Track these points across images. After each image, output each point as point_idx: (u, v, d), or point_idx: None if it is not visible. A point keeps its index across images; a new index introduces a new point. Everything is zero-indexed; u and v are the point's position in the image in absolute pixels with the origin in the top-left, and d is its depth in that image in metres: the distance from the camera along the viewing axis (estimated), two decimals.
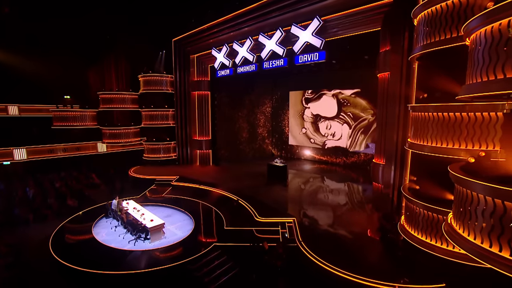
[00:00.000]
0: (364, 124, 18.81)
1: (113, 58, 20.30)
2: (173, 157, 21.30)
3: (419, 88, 8.00)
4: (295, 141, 23.37)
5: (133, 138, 21.35)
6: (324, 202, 13.38)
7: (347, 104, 19.53)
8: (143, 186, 15.87)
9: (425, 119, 7.43)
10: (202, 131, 20.31)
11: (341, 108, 19.85)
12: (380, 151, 11.34)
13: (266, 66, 15.01)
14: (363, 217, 11.30)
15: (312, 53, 12.95)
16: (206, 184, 15.71)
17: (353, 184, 16.60)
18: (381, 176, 11.31)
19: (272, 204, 12.96)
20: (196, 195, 14.12)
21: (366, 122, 18.66)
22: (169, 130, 21.06)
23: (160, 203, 13.27)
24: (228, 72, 17.16)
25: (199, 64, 19.94)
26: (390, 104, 10.38)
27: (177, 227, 10.89)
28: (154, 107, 20.64)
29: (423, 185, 7.81)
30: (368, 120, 18.51)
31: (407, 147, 8.40)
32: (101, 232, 10.58)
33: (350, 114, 19.42)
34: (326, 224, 10.97)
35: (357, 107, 18.96)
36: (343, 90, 19.56)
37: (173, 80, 20.58)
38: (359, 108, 18.87)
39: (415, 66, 8.71)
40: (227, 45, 16.53)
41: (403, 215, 9.00)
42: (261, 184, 16.47)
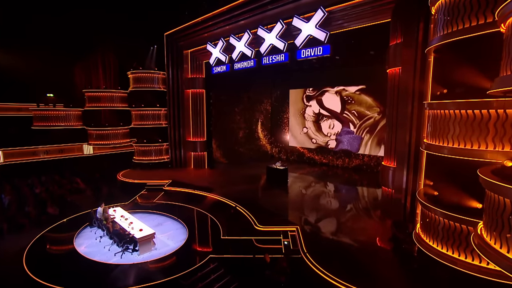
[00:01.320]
0: (369, 123, 18.46)
1: (100, 54, 19.76)
2: (166, 159, 20.86)
3: (436, 83, 7.54)
4: (295, 141, 23.02)
5: (122, 139, 20.81)
6: (329, 208, 12.99)
7: (351, 101, 19.17)
8: (132, 192, 15.33)
9: (444, 117, 6.97)
10: (197, 132, 19.91)
11: (345, 106, 19.49)
12: (390, 152, 10.92)
13: (265, 62, 14.53)
14: (372, 225, 10.91)
15: (316, 47, 12.50)
16: (201, 188, 15.33)
17: (359, 188, 16.21)
18: (391, 180, 10.89)
19: (273, 210, 12.55)
20: (190, 201, 13.69)
21: (371, 121, 18.31)
22: (161, 130, 20.58)
23: (151, 210, 12.77)
24: (225, 69, 16.71)
25: (193, 60, 19.52)
26: (402, 101, 9.97)
27: (169, 237, 10.38)
28: (144, 106, 20.12)
29: (443, 191, 7.34)
30: (374, 119, 18.16)
31: (423, 148, 7.93)
32: (84, 244, 9.95)
33: (355, 112, 19.05)
34: (332, 232, 10.55)
35: (362, 105, 18.61)
36: (347, 87, 19.22)
37: (165, 77, 20.13)
38: (364, 105, 18.51)
39: (431, 59, 8.27)
40: (223, 39, 16.07)
41: (418, 223, 8.54)
42: (260, 188, 16.16)
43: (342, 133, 19.68)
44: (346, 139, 19.49)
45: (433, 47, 7.29)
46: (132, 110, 20.51)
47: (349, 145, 19.35)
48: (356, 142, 18.99)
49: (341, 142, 19.65)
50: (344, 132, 19.59)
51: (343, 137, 19.63)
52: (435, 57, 7.85)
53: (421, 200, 7.88)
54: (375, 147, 18.26)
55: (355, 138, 19.00)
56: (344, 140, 19.56)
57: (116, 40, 19.43)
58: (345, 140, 19.50)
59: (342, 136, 19.68)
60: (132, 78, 20.00)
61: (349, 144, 19.31)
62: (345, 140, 19.47)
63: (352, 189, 16.14)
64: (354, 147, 19.08)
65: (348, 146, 19.38)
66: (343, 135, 19.67)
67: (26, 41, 17.26)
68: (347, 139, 19.41)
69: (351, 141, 19.17)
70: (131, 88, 20.18)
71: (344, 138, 19.53)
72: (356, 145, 18.93)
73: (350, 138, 19.20)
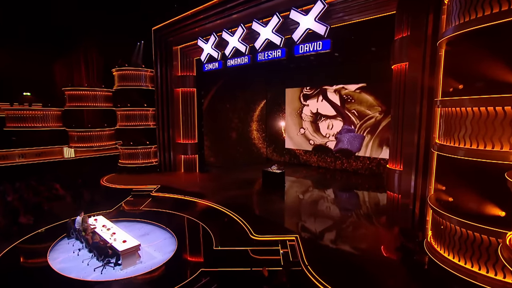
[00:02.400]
0: (370, 123, 18.18)
1: (83, 50, 19.09)
2: (154, 163, 20.38)
3: (448, 79, 7.14)
4: (292, 143, 22.71)
5: (107, 141, 20.24)
6: (329, 214, 12.65)
7: (351, 100, 18.90)
8: (117, 198, 14.73)
9: (459, 115, 6.55)
10: (187, 134, 19.52)
11: (344, 105, 19.22)
12: (396, 154, 10.55)
13: (260, 58, 14.14)
14: (376, 233, 10.58)
15: (315, 42, 12.15)
16: (192, 194, 14.90)
17: (360, 192, 15.92)
18: (398, 184, 10.52)
19: (270, 217, 12.16)
20: (179, 208, 13.22)
21: (373, 121, 18.05)
22: (149, 132, 20.06)
23: (137, 219, 12.22)
24: (217, 66, 16.30)
25: (183, 57, 19.09)
26: (409, 99, 9.61)
27: (156, 248, 9.81)
28: (131, 105, 19.54)
29: (458, 197, 6.90)
30: (375, 118, 17.91)
31: (435, 150, 7.51)
32: (59, 258, 9.22)
33: (355, 111, 18.76)
34: (333, 241, 10.16)
35: (363, 104, 18.36)
36: (347, 85, 18.97)
37: (153, 75, 19.64)
38: (365, 105, 18.27)
39: (442, 53, 7.88)
40: (216, 34, 15.65)
41: (429, 232, 8.11)
42: (255, 193, 15.81)
43: (343, 131, 19.20)
44: (346, 138, 18.97)
45: (446, 38, 6.88)
46: (117, 110, 19.93)
47: (349, 144, 18.88)
48: (357, 141, 18.55)
49: (341, 141, 19.19)
50: (344, 130, 19.12)
51: (343, 135, 19.13)
52: (447, 51, 7.46)
53: (433, 206, 7.44)
54: (377, 149, 17.98)
55: (356, 136, 18.55)
56: (344, 139, 19.07)
57: (100, 35, 18.83)
58: (345, 139, 19.02)
59: (342, 134, 19.19)
60: (117, 75, 19.41)
61: (350, 143, 18.85)
62: (345, 139, 18.98)
63: (353, 193, 15.85)
64: (355, 146, 18.64)
65: (348, 145, 18.92)
66: (343, 133, 19.17)
67: None
68: (347, 138, 18.92)
69: (352, 140, 18.74)
70: (116, 87, 19.59)
71: (344, 136, 19.03)
72: (357, 144, 18.49)
73: (350, 137, 18.78)
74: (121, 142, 20.40)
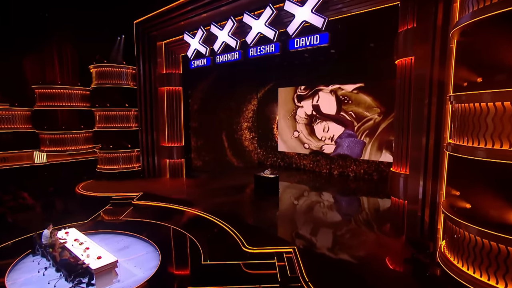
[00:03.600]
0: (369, 125, 17.95)
1: (56, 45, 18.15)
2: (136, 168, 19.68)
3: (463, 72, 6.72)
4: (285, 146, 22.33)
5: (84, 145, 19.46)
6: (328, 222, 12.21)
7: (348, 101, 18.67)
8: (94, 207, 13.96)
9: (478, 112, 6.12)
10: (173, 136, 18.97)
11: (341, 106, 18.97)
12: (401, 156, 10.14)
13: (252, 54, 13.65)
14: (380, 242, 10.12)
15: (312, 35, 11.69)
16: (178, 202, 14.30)
17: (359, 198, 15.62)
18: (403, 188, 10.09)
19: (264, 227, 11.66)
20: (164, 217, 12.61)
21: (371, 123, 17.82)
22: (131, 134, 19.38)
23: (116, 230, 11.47)
24: (205, 62, 15.78)
25: (168, 53, 18.54)
26: (416, 96, 9.24)
27: (137, 264, 9.11)
28: (111, 105, 18.80)
29: (477, 202, 6.43)
30: (374, 120, 17.68)
31: (449, 150, 7.06)
32: (20, 279, 8.32)
33: (352, 113, 18.54)
34: (335, 252, 9.65)
35: (361, 105, 18.12)
36: (343, 85, 18.73)
37: (135, 73, 18.97)
38: (363, 106, 18.03)
39: (453, 45, 7.51)
40: (203, 28, 15.11)
41: (441, 241, 7.64)
42: (247, 200, 15.33)
43: (343, 136, 18.95)
44: (346, 143, 18.74)
45: (461, 27, 6.47)
46: (95, 110, 19.14)
47: (349, 150, 18.65)
48: (358, 147, 18.34)
49: (341, 146, 18.93)
50: (345, 135, 18.86)
51: (343, 140, 18.87)
52: (460, 41, 7.08)
53: (447, 213, 6.96)
54: (376, 152, 17.73)
55: (357, 142, 18.32)
56: (344, 144, 18.81)
57: (76, 28, 17.97)
58: (345, 144, 18.76)
59: (342, 139, 18.93)
60: (95, 72, 18.64)
61: (350, 149, 18.62)
62: (345, 144, 18.73)
63: (353, 199, 15.55)
64: (355, 152, 18.45)
65: (348, 151, 18.69)
66: (343, 137, 18.93)
67: None
68: (347, 143, 18.68)
69: (353, 145, 18.49)
70: (94, 85, 18.80)
71: (345, 141, 18.79)
72: (358, 150, 18.30)
73: (351, 142, 18.52)
74: (99, 145, 19.64)
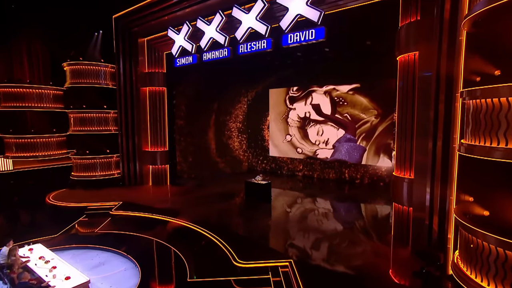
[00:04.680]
0: (366, 128, 17.76)
1: (25, 40, 17.33)
2: (116, 175, 18.95)
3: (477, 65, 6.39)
4: (277, 151, 21.99)
5: (56, 150, 18.62)
6: (326, 232, 11.78)
7: (343, 103, 18.49)
8: (66, 219, 13.10)
9: (498, 108, 5.77)
10: (156, 140, 18.43)
11: (335, 108, 18.78)
12: (405, 159, 9.84)
13: (242, 51, 13.23)
14: (383, 253, 9.79)
15: (307, 30, 11.33)
16: (162, 212, 13.68)
17: (359, 205, 15.36)
18: (407, 194, 9.76)
19: (257, 238, 11.16)
20: (146, 229, 11.96)
21: (368, 126, 17.65)
22: (110, 138, 18.66)
23: (90, 245, 10.74)
24: (191, 60, 15.33)
25: (151, 50, 18.01)
26: (421, 94, 8.97)
27: (113, 283, 8.40)
28: (87, 107, 18.05)
29: (494, 209, 6.03)
30: (371, 123, 17.52)
31: (462, 151, 6.68)
32: None
33: (348, 115, 18.35)
34: (335, 265, 9.19)
35: (356, 107, 17.96)
36: (338, 85, 18.56)
37: (114, 72, 18.33)
38: (359, 108, 17.87)
39: (463, 37, 7.21)
40: (189, 23, 14.69)
41: (456, 252, 7.22)
42: (238, 209, 14.85)
43: (342, 140, 18.66)
44: (345, 147, 18.46)
45: (474, 15, 6.14)
46: (70, 112, 18.29)
47: (347, 155, 18.36)
48: (357, 152, 18.08)
49: (339, 151, 18.66)
50: (344, 139, 18.57)
51: (341, 144, 18.59)
52: (472, 33, 6.77)
53: (461, 221, 6.54)
54: (373, 156, 17.53)
55: (356, 147, 18.05)
56: (342, 149, 18.53)
57: (48, 22, 17.19)
58: (343, 149, 18.48)
59: (341, 143, 18.66)
60: (70, 71, 17.83)
61: (348, 154, 18.33)
62: (344, 149, 18.46)
63: (350, 206, 15.24)
64: (354, 158, 18.20)
65: (346, 157, 18.40)
66: (342, 142, 18.64)
67: None
68: (346, 148, 18.40)
69: (352, 150, 18.22)
70: (69, 84, 17.97)
71: (343, 146, 18.52)
72: (357, 156, 18.04)
73: (350, 147, 18.26)
74: (74, 150, 18.84)
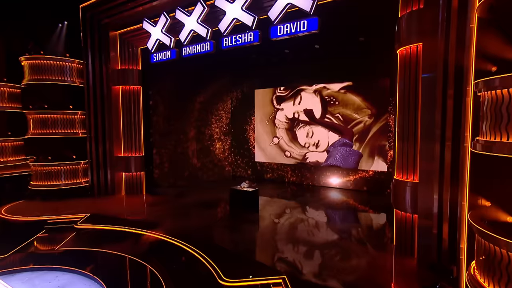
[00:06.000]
0: (359, 129, 17.52)
1: None
2: (83, 184, 17.92)
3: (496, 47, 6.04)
4: (263, 155, 21.52)
5: (12, 156, 17.48)
6: (321, 243, 11.29)
7: (334, 102, 18.24)
8: (21, 236, 11.98)
9: None
10: (131, 145, 17.62)
11: (326, 108, 18.50)
12: (408, 160, 9.45)
13: (227, 44, 12.72)
14: (386, 266, 9.37)
15: (298, 21, 10.92)
16: (136, 224, 12.89)
17: (354, 212, 15.09)
18: (411, 200, 9.33)
19: (244, 252, 10.52)
20: (117, 244, 11.15)
21: (361, 126, 17.43)
22: (77, 143, 17.69)
23: (49, 265, 9.74)
24: (169, 56, 14.71)
25: (124, 45, 17.20)
26: (425, 89, 8.57)
27: None
28: (50, 107, 16.95)
29: None
30: (364, 123, 17.31)
31: (478, 149, 6.22)
32: None
33: (339, 116, 18.10)
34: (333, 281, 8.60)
35: (349, 107, 17.73)
36: (329, 84, 18.33)
37: (82, 68, 17.36)
38: (352, 107, 17.64)
39: (474, 25, 6.86)
40: (167, 14, 14.04)
41: (473, 262, 6.74)
42: (222, 219, 14.23)
43: (336, 144, 18.32)
44: (340, 152, 18.10)
45: None
46: (28, 113, 17.13)
47: (342, 160, 17.99)
48: (353, 158, 17.75)
49: (333, 156, 18.31)
50: (338, 144, 18.24)
51: (336, 149, 18.23)
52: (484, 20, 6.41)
53: (481, 228, 6.04)
54: (367, 160, 17.30)
55: (352, 153, 17.73)
56: (337, 153, 18.16)
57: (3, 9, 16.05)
58: (338, 154, 18.11)
59: (335, 147, 18.29)
60: (29, 66, 16.70)
61: (343, 160, 17.96)
62: (339, 154, 18.09)
63: (345, 214, 14.90)
64: (349, 163, 17.86)
65: (341, 162, 18.03)
66: (336, 146, 18.30)
67: None
68: (341, 152, 18.03)
69: (347, 155, 17.86)
70: (28, 81, 16.85)
71: (338, 151, 18.16)
72: (352, 161, 17.72)
73: (345, 152, 17.91)
74: (34, 157, 17.69)
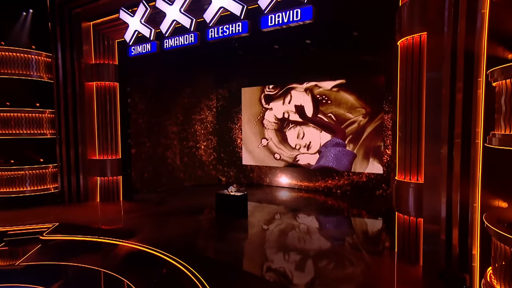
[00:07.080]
0: (353, 129, 17.31)
1: None
2: (52, 190, 17.04)
3: None
4: (251, 158, 21.05)
5: None
6: (317, 252, 10.89)
7: (327, 101, 17.99)
8: None
9: None
10: (106, 147, 16.99)
11: (318, 107, 18.24)
12: (411, 159, 9.12)
13: (212, 36, 12.23)
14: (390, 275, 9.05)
15: (290, 9, 10.49)
16: (111, 233, 12.28)
17: (349, 218, 14.89)
18: (414, 203, 9.00)
19: (231, 262, 9.98)
20: (89, 257, 10.51)
21: (355, 126, 17.23)
22: (44, 144, 16.86)
23: (8, 284, 8.97)
24: (149, 49, 14.09)
25: (98, 37, 16.46)
26: (431, 81, 8.25)
27: None
28: (12, 105, 16.07)
29: None
30: (359, 123, 17.12)
31: (494, 144, 5.88)
32: None
33: (332, 115, 17.86)
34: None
35: (342, 106, 17.51)
36: (321, 82, 18.09)
37: (51, 62, 16.51)
38: (345, 106, 17.43)
39: (486, 10, 6.55)
40: (146, 3, 13.42)
41: (489, 268, 6.36)
42: (208, 227, 13.71)
43: (329, 144, 18.07)
44: (332, 152, 17.85)
45: None
46: None
47: (335, 161, 17.69)
48: (346, 158, 17.51)
49: (325, 156, 18.01)
50: (331, 143, 17.99)
51: (329, 149, 17.96)
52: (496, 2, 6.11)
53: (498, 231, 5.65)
54: (362, 162, 17.07)
55: (345, 153, 17.49)
56: (329, 154, 17.88)
57: None
58: (330, 154, 17.83)
59: (328, 148, 18.02)
60: None
61: (336, 161, 17.65)
62: (331, 154, 17.81)
63: (339, 220, 14.65)
64: (343, 164, 17.59)
65: (334, 163, 17.72)
66: (329, 146, 18.05)
67: None
68: (334, 152, 17.77)
69: (340, 156, 17.57)
70: None
71: (330, 151, 17.92)
72: (346, 162, 17.47)
73: (338, 152, 17.63)
74: None
